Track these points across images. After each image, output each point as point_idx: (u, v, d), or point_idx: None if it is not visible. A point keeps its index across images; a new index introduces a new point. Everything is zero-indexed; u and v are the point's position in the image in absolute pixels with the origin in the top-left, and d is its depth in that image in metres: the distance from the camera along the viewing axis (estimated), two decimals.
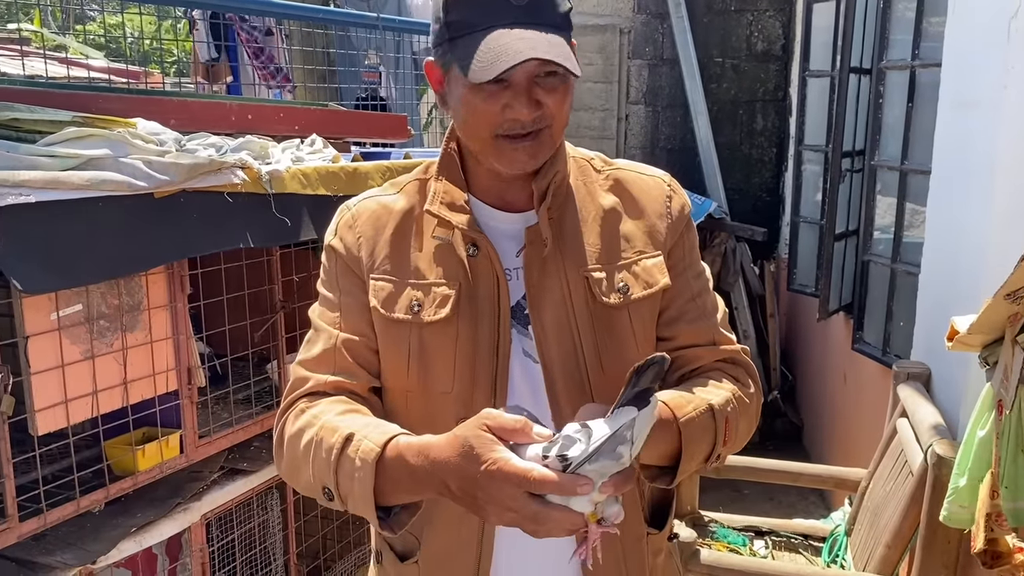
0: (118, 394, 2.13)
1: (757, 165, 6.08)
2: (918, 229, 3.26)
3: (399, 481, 1.04)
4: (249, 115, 2.71)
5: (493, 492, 0.94)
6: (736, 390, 1.23)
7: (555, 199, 1.22)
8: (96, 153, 1.95)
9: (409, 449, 1.04)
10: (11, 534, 1.91)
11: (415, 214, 1.25)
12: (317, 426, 1.13)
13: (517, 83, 1.10)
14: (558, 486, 0.92)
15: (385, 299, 1.21)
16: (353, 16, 4.42)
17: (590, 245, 1.23)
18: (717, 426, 1.15)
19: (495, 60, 1.06)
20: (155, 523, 2.24)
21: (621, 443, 0.93)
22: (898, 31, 3.58)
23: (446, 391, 1.18)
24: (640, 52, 6.02)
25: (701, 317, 1.28)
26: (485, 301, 1.19)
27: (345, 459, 1.07)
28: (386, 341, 1.21)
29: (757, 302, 5.60)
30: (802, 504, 4.55)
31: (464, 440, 0.98)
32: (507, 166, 1.16)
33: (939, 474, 2.18)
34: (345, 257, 1.25)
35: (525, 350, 1.21)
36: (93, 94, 2.40)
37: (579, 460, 0.92)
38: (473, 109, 1.13)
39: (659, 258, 1.25)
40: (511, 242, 1.22)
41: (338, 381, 1.20)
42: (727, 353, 1.28)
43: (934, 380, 2.74)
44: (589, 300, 1.20)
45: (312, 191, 2.44)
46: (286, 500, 2.79)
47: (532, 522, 0.94)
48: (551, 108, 1.12)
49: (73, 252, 1.90)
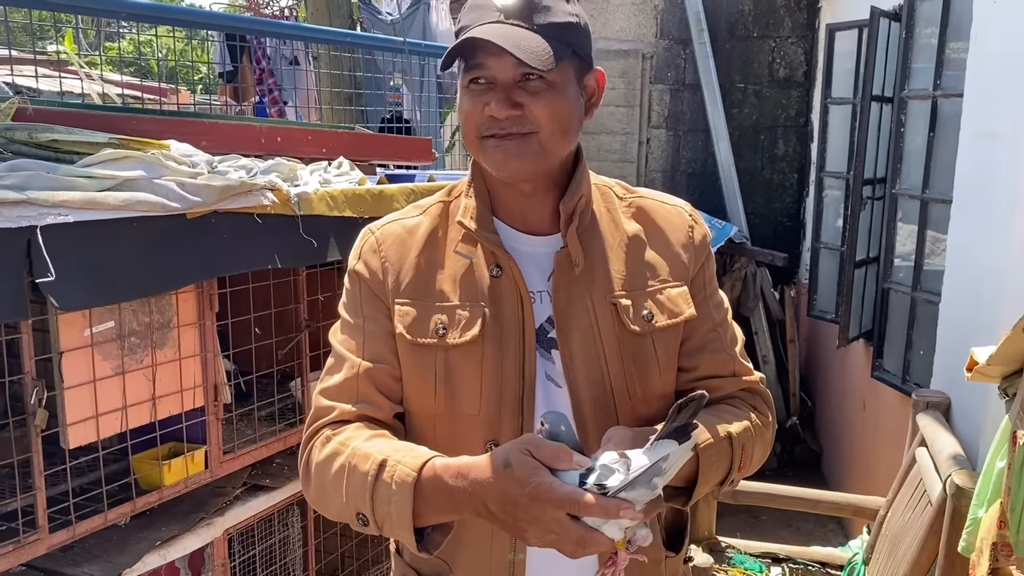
0: (146, 409, 2.17)
1: (778, 190, 6.09)
2: (939, 257, 3.26)
3: (436, 503, 1.07)
4: (278, 137, 2.76)
5: (536, 514, 0.98)
6: (754, 419, 1.26)
7: (580, 223, 1.24)
8: (131, 174, 2.00)
9: (447, 470, 1.06)
10: (41, 545, 1.95)
11: (438, 236, 1.27)
12: (346, 453, 1.14)
13: (499, 83, 1.14)
14: (603, 509, 0.97)
15: (410, 324, 1.22)
16: (380, 40, 4.50)
17: (616, 271, 1.24)
18: (734, 453, 1.19)
19: (459, 46, 1.13)
20: (179, 537, 2.27)
21: (657, 474, 0.98)
22: (920, 59, 3.60)
23: (473, 413, 1.20)
24: (662, 77, 6.06)
25: (722, 348, 1.30)
26: (510, 323, 1.20)
27: (380, 485, 1.09)
28: (411, 365, 1.22)
29: (777, 327, 5.59)
30: (820, 531, 4.52)
31: (507, 462, 1.01)
32: (491, 167, 1.19)
33: (958, 504, 2.18)
34: (370, 281, 1.26)
35: (547, 374, 1.22)
36: (128, 116, 2.46)
37: (616, 489, 0.96)
38: (463, 110, 1.19)
39: (683, 288, 1.27)
40: (534, 266, 1.24)
41: (361, 411, 1.21)
42: (747, 384, 1.31)
43: (954, 409, 2.74)
44: (616, 326, 1.22)
45: (338, 213, 2.48)
46: (307, 517, 2.81)
47: (573, 544, 0.98)
48: (534, 111, 1.14)
49: (108, 270, 1.94)
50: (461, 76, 1.18)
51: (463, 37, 1.14)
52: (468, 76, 1.16)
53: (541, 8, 1.15)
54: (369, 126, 4.07)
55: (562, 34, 1.15)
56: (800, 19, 5.88)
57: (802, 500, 3.08)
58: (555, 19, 1.15)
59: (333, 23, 5.55)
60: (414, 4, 6.31)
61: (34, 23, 3.12)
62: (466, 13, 1.18)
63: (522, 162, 1.16)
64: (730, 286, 5.51)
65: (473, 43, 1.12)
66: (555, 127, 1.16)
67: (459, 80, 1.19)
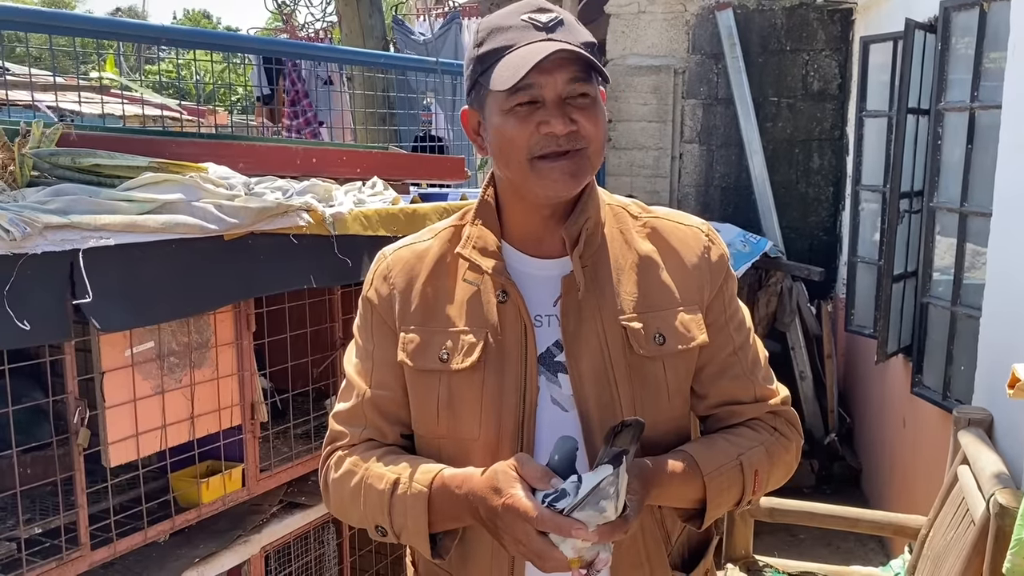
0: (185, 428, 2.21)
1: (814, 204, 6.03)
2: (979, 271, 3.21)
3: (444, 511, 1.17)
4: (313, 159, 2.80)
5: (508, 522, 1.07)
6: (772, 442, 1.27)
7: (588, 246, 1.23)
8: (170, 198, 2.05)
9: (453, 480, 1.17)
10: (83, 562, 1.99)
11: (447, 260, 1.28)
12: (360, 473, 1.24)
13: (549, 100, 1.14)
14: (556, 527, 1.03)
15: (414, 352, 1.25)
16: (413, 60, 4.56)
17: (627, 294, 1.24)
18: (745, 479, 1.22)
19: (521, 63, 1.11)
20: (217, 554, 2.29)
21: (605, 498, 1.02)
22: (956, 71, 3.56)
23: (474, 437, 1.23)
24: (695, 92, 6.05)
25: (743, 373, 1.29)
26: (512, 348, 1.22)
27: (396, 500, 1.19)
28: (416, 391, 1.27)
29: (814, 342, 5.52)
30: (860, 551, 4.45)
31: (492, 474, 1.11)
32: (548, 189, 1.16)
33: (1002, 524, 2.13)
34: (379, 308, 1.30)
35: (553, 398, 1.23)
36: (167, 139, 2.51)
37: (567, 509, 1.03)
38: (507, 134, 1.16)
39: (697, 314, 1.26)
40: (544, 289, 1.24)
41: (367, 436, 1.30)
42: (770, 407, 1.30)
43: (996, 427, 2.68)
44: (626, 350, 1.22)
45: (372, 232, 2.51)
46: (342, 535, 2.83)
47: (535, 556, 1.06)
48: (586, 127, 1.15)
49: (148, 292, 1.99)
50: (503, 100, 1.15)
51: (521, 56, 1.11)
52: (515, 99, 1.14)
53: (573, 27, 1.17)
54: (402, 145, 4.11)
55: (592, 51, 1.16)
56: (834, 32, 5.83)
57: (841, 519, 3.03)
58: (587, 38, 1.17)
59: (367, 44, 5.63)
60: (446, 24, 6.39)
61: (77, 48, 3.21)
62: (494, 36, 1.16)
63: (576, 180, 1.17)
64: (766, 301, 5.46)
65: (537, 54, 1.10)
66: (599, 142, 1.18)
67: (496, 104, 1.16)
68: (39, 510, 2.09)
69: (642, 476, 1.13)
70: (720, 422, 1.30)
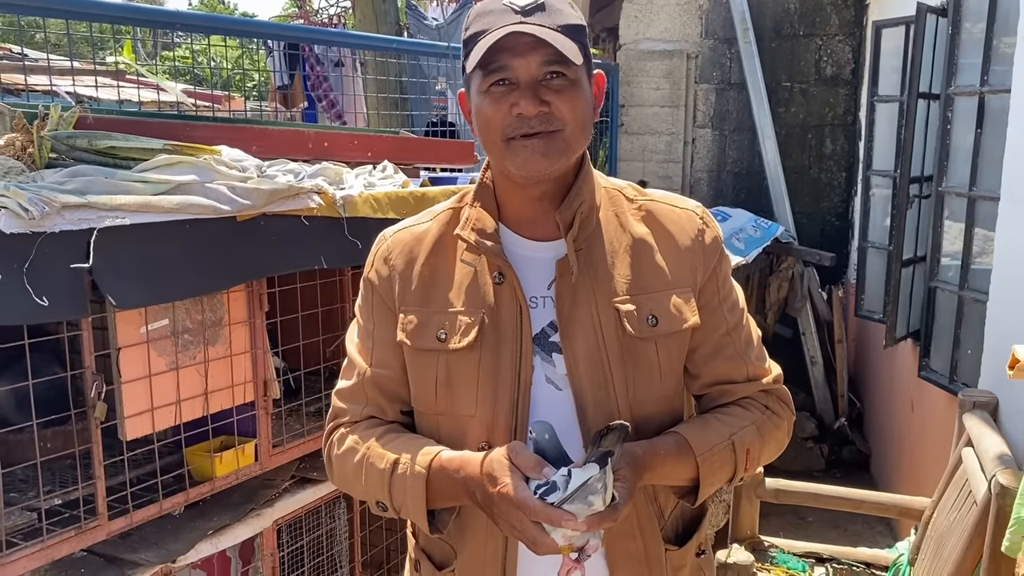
0: (199, 404, 2.26)
1: (826, 189, 6.02)
2: (987, 256, 3.22)
3: (442, 492, 1.22)
4: (325, 143, 2.84)
5: (503, 510, 1.12)
6: (763, 420, 1.31)
7: (582, 230, 1.26)
8: (184, 179, 2.09)
9: (451, 463, 1.21)
10: (101, 531, 2.05)
11: (445, 242, 1.32)
12: (361, 451, 1.28)
13: (522, 82, 1.17)
14: (547, 517, 1.08)
15: (412, 332, 1.29)
16: (425, 45, 4.58)
17: (621, 276, 1.26)
18: (737, 457, 1.26)
19: (484, 46, 1.15)
20: (230, 527, 2.35)
21: (592, 493, 1.08)
22: (967, 55, 3.55)
23: (471, 414, 1.26)
24: (707, 76, 6.04)
25: (736, 354, 1.32)
26: (508, 329, 1.25)
27: (396, 480, 1.24)
28: (415, 369, 1.30)
29: (825, 327, 5.53)
30: (868, 533, 4.47)
31: (489, 463, 1.15)
32: (520, 168, 1.19)
33: (1003, 504, 2.15)
34: (380, 289, 1.34)
35: (548, 377, 1.26)
36: (181, 123, 2.56)
37: (558, 502, 1.08)
38: (484, 115, 1.20)
39: (690, 296, 1.28)
40: (539, 271, 1.27)
41: (368, 414, 1.34)
42: (763, 386, 1.33)
43: (1001, 409, 2.70)
44: (619, 331, 1.24)
45: (382, 215, 2.55)
46: (353, 510, 2.89)
47: (529, 541, 1.12)
48: (560, 109, 1.17)
49: (162, 271, 2.03)
50: (480, 81, 1.19)
51: (490, 38, 1.15)
52: (489, 80, 1.18)
53: (555, 10, 1.18)
54: (415, 130, 4.14)
55: (576, 34, 1.18)
56: (847, 16, 5.81)
57: (846, 500, 3.06)
58: (569, 20, 1.19)
59: (380, 30, 5.66)
60: (458, 9, 6.39)
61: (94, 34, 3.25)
62: (477, 20, 1.20)
63: (549, 160, 1.19)
64: (777, 286, 5.46)
65: (502, 42, 1.14)
66: (578, 124, 1.20)
67: (476, 86, 1.21)
68: (59, 482, 2.15)
69: (633, 462, 1.17)
70: (713, 401, 1.34)
